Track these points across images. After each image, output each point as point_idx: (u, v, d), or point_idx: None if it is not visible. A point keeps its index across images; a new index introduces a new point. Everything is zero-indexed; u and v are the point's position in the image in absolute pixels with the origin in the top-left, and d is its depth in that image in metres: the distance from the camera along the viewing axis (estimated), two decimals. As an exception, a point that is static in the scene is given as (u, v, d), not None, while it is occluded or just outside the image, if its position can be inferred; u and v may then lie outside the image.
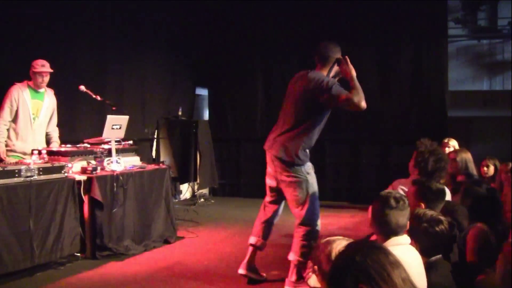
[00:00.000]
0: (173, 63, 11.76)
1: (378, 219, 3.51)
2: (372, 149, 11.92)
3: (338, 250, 2.94)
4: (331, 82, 5.43)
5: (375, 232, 3.61)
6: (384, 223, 3.46)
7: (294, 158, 5.57)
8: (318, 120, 5.63)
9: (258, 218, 6.29)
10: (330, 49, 5.75)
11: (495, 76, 14.02)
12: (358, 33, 11.67)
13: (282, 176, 5.74)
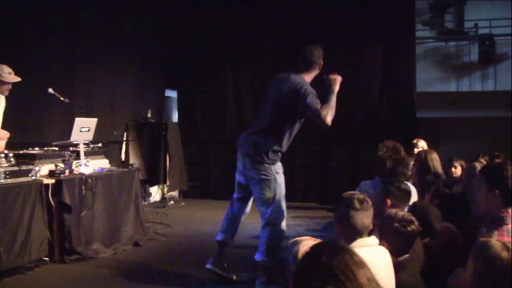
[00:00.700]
0: (142, 65, 11.70)
1: (343, 222, 3.53)
2: (341, 150, 12.00)
3: (304, 251, 2.97)
4: (308, 90, 5.47)
5: (339, 235, 3.61)
6: (349, 225, 3.48)
7: (264, 157, 5.60)
8: (292, 124, 5.68)
9: (226, 215, 6.33)
10: (315, 55, 5.83)
11: (462, 78, 14.19)
12: (326, 35, 11.71)
13: (251, 173, 5.76)
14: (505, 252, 2.93)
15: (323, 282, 2.08)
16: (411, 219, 3.72)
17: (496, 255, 2.92)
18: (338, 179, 11.56)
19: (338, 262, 2.13)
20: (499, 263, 2.90)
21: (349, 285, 2.08)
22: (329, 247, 2.25)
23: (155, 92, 12.30)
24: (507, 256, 2.91)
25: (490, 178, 3.68)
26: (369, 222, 3.54)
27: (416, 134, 10.12)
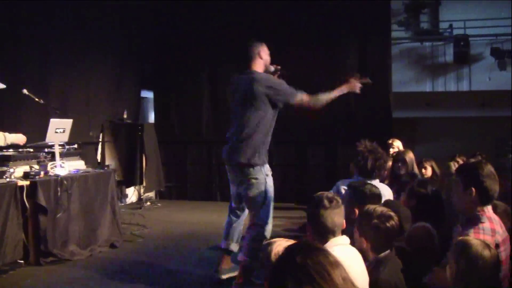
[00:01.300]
0: (118, 66, 11.63)
1: (314, 221, 3.55)
2: (318, 150, 12.04)
3: (277, 251, 2.98)
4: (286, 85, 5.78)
5: (311, 235, 3.62)
6: (320, 224, 3.50)
7: (251, 161, 5.58)
8: (269, 120, 5.75)
9: (226, 223, 6.20)
10: (256, 46, 6.08)
11: (438, 78, 14.29)
12: (302, 35, 11.77)
13: (241, 179, 5.72)
14: (487, 250, 2.97)
15: (298, 282, 2.07)
16: (390, 215, 3.74)
17: (479, 254, 2.95)
18: (315, 179, 11.59)
19: (313, 262, 2.13)
20: (482, 261, 2.93)
21: (325, 285, 2.09)
22: (304, 247, 2.25)
23: (131, 93, 12.23)
24: (489, 255, 2.95)
25: (466, 177, 3.71)
26: (341, 221, 3.56)
27: (391, 134, 10.20)
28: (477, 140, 13.91)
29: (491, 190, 3.62)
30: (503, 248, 3.46)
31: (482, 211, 3.60)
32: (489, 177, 3.62)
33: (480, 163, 3.79)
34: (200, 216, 10.27)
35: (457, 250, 3.07)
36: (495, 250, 3.07)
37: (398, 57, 13.71)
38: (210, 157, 12.43)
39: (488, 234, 3.46)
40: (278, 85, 5.72)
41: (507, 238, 3.60)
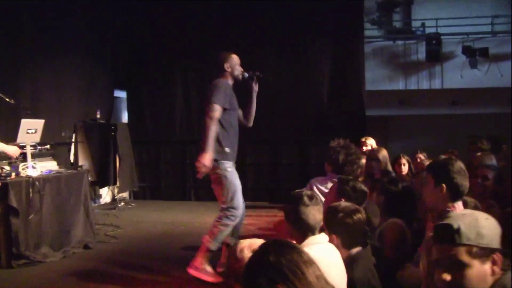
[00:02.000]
0: (90, 65, 11.53)
1: (294, 219, 3.53)
2: (291, 149, 12.09)
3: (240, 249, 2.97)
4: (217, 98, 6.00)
5: (291, 234, 3.60)
6: (301, 222, 3.49)
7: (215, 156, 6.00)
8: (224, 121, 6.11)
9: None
10: (222, 59, 6.31)
11: (410, 76, 14.38)
12: (274, 34, 11.80)
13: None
14: None
15: (272, 281, 2.08)
16: (355, 208, 3.74)
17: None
18: (289, 178, 11.62)
19: (287, 261, 2.13)
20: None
21: (298, 283, 2.09)
22: (278, 246, 2.25)
23: (104, 93, 12.14)
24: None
25: (437, 173, 3.74)
26: (321, 218, 3.56)
27: (365, 132, 10.25)
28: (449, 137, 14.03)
29: (462, 186, 3.66)
30: None
31: (452, 207, 3.62)
32: (459, 173, 3.66)
33: (450, 159, 3.83)
34: (174, 216, 10.23)
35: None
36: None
37: (371, 56, 13.78)
38: (184, 157, 12.40)
39: None
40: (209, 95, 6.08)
41: None
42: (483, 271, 2.25)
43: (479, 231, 2.26)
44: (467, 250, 2.24)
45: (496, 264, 2.27)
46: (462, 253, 2.24)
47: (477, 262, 2.24)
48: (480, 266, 2.25)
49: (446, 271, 2.26)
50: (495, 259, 2.27)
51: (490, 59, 13.40)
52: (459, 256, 2.24)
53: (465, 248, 2.24)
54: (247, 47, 11.69)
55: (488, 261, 2.26)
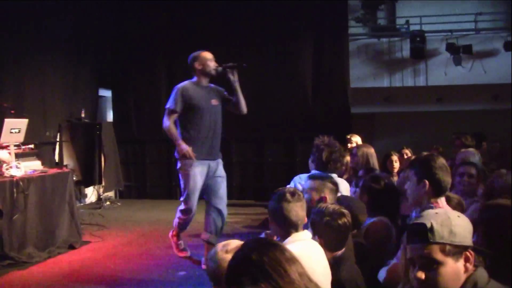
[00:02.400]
0: (74, 64, 11.46)
1: (277, 216, 3.53)
2: (277, 147, 12.11)
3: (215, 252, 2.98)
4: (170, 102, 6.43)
5: (274, 230, 3.61)
6: (284, 218, 3.49)
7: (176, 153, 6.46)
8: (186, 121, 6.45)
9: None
10: (192, 59, 6.61)
11: (395, 73, 14.46)
12: (259, 32, 11.80)
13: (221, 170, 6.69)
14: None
15: (255, 280, 2.08)
16: (342, 212, 3.74)
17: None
18: (274, 176, 11.63)
19: (269, 259, 2.14)
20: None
21: (281, 281, 2.10)
22: (260, 244, 2.26)
23: (88, 92, 12.08)
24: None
25: (419, 170, 3.77)
26: (304, 214, 3.56)
27: (350, 130, 10.28)
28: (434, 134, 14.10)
29: (444, 182, 3.70)
30: None
31: (435, 203, 3.66)
32: (441, 169, 3.70)
33: (432, 156, 3.87)
34: (159, 215, 10.20)
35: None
36: None
37: (356, 53, 13.85)
38: (170, 155, 12.32)
39: None
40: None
41: None
42: (456, 268, 2.28)
43: (452, 229, 2.29)
44: (441, 248, 2.27)
45: (469, 261, 2.31)
46: (435, 251, 2.26)
47: (450, 260, 2.27)
48: (454, 264, 2.28)
49: (421, 269, 2.29)
50: (468, 256, 2.31)
51: (474, 56, 13.50)
52: (433, 255, 2.27)
53: (438, 246, 2.27)
54: (232, 46, 11.70)
55: (461, 259, 2.29)
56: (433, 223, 2.29)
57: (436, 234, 2.27)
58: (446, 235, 2.27)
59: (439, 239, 2.26)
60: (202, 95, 6.45)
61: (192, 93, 6.39)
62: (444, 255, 2.27)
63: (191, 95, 6.38)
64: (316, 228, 3.66)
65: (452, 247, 2.27)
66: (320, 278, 3.29)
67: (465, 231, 2.33)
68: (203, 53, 6.63)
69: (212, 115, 6.50)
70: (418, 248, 2.30)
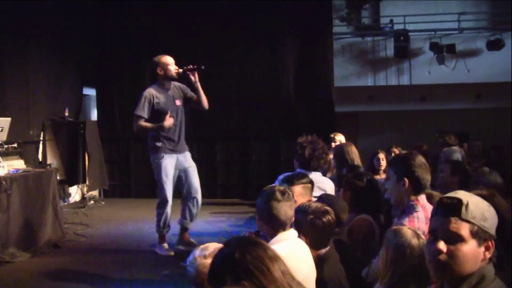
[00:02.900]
0: (58, 62, 11.40)
1: (266, 214, 3.52)
2: (261, 145, 12.11)
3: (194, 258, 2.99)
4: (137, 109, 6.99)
5: (262, 229, 3.60)
6: (273, 217, 3.47)
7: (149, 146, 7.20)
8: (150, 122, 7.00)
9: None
10: (154, 65, 7.17)
11: (379, 72, 14.52)
12: (243, 30, 11.81)
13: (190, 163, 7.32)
14: (415, 239, 3.02)
15: (237, 277, 2.10)
16: (325, 210, 3.75)
17: (407, 243, 3.00)
18: (259, 175, 11.64)
19: (252, 257, 2.15)
20: (410, 250, 2.98)
21: (264, 279, 2.11)
22: (243, 242, 2.27)
23: (72, 90, 12.02)
24: (417, 243, 3.00)
25: (399, 168, 3.82)
26: (292, 213, 3.56)
27: (334, 128, 10.32)
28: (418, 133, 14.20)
29: (423, 179, 3.74)
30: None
31: (416, 200, 3.71)
32: (420, 167, 3.74)
33: (411, 154, 3.91)
34: (144, 214, 10.13)
35: (387, 238, 3.12)
36: (424, 239, 3.12)
37: (340, 52, 13.90)
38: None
39: (423, 222, 3.55)
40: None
41: None
42: (477, 252, 2.26)
43: (484, 214, 2.28)
44: (470, 227, 2.25)
45: (489, 250, 2.29)
46: (464, 228, 2.24)
47: (474, 242, 2.25)
48: (476, 247, 2.26)
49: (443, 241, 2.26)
50: (489, 245, 2.29)
51: (457, 55, 13.60)
52: (461, 231, 2.24)
53: (468, 225, 2.25)
54: (217, 45, 11.73)
55: (483, 246, 2.27)
56: (469, 202, 2.28)
57: (469, 213, 2.25)
58: (478, 216, 2.26)
59: (471, 218, 2.25)
60: (166, 98, 7.02)
61: (157, 98, 6.95)
62: (470, 235, 2.25)
63: (157, 100, 6.94)
64: (301, 227, 3.66)
65: (480, 230, 2.26)
66: (305, 276, 3.31)
67: (493, 221, 2.32)
68: (163, 58, 7.13)
69: (177, 114, 7.08)
70: (447, 221, 2.28)
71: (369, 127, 16.15)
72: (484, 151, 9.89)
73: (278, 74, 11.94)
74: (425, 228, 3.45)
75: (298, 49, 11.95)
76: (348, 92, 13.96)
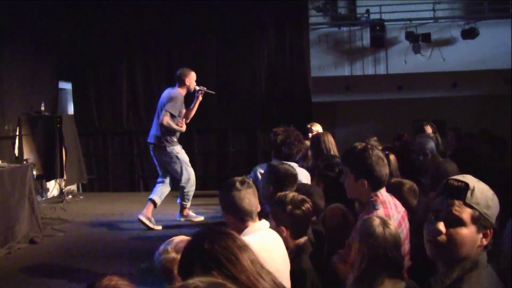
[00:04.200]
0: (33, 56, 11.26)
1: (230, 206, 3.52)
2: (239, 137, 12.14)
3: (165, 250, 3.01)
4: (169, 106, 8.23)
5: (230, 222, 3.57)
6: (237, 207, 3.48)
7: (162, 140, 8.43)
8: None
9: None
10: (184, 74, 8.41)
11: (356, 62, 14.54)
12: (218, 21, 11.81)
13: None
14: (380, 228, 3.04)
15: (207, 268, 2.12)
16: (302, 199, 3.77)
17: (371, 232, 3.02)
18: (237, 166, 11.63)
19: (221, 247, 2.17)
20: (374, 239, 3.00)
21: (233, 269, 2.13)
22: (211, 232, 2.29)
23: (48, 84, 11.90)
24: (382, 232, 3.02)
25: (355, 167, 3.69)
26: (256, 201, 3.56)
27: (311, 119, 10.33)
28: (395, 122, 14.28)
29: (382, 176, 3.63)
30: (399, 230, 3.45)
31: (375, 197, 3.61)
32: (377, 164, 3.61)
33: (366, 150, 3.69)
34: (123, 208, 10.14)
35: (356, 228, 3.14)
36: (395, 228, 3.14)
37: (317, 42, 13.89)
38: (132, 147, 12.33)
39: None
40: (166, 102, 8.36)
41: (403, 218, 3.66)
42: (475, 237, 2.27)
43: (488, 202, 2.28)
44: (472, 213, 2.25)
45: (486, 238, 2.29)
46: (466, 212, 2.25)
47: (474, 228, 2.26)
48: (475, 233, 2.26)
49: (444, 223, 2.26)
50: (487, 234, 2.29)
51: (433, 44, 13.65)
52: (463, 214, 2.24)
53: (471, 210, 2.25)
54: (191, 36, 11.74)
55: (481, 232, 2.28)
56: (476, 187, 2.28)
57: (474, 198, 2.26)
58: (482, 203, 2.26)
59: (475, 204, 2.25)
60: (182, 103, 8.44)
61: (181, 102, 8.40)
62: (472, 220, 2.25)
63: (181, 104, 8.41)
64: (279, 218, 3.67)
65: (482, 217, 2.26)
66: (278, 265, 3.33)
67: (496, 210, 2.32)
68: (193, 72, 8.45)
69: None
70: (450, 203, 2.28)
71: (346, 117, 16.20)
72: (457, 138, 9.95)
73: (255, 65, 11.95)
74: None
75: (274, 40, 11.98)
76: (325, 82, 13.97)
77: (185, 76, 8.37)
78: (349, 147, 3.83)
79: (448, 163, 4.97)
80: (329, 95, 14.76)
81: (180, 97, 8.36)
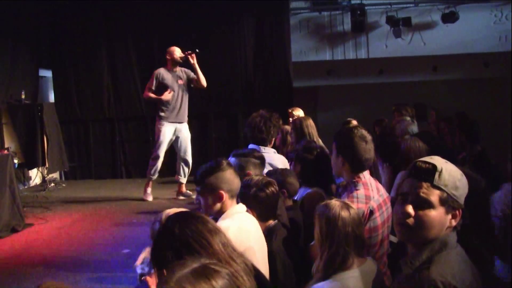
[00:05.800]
0: (12, 44, 11.16)
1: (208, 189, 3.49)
2: (220, 122, 12.16)
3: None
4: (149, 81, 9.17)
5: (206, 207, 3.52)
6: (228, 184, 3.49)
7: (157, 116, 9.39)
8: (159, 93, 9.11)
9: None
10: (166, 53, 9.25)
11: (337, 47, 14.53)
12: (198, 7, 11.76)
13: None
14: (345, 211, 3.06)
15: (178, 253, 2.12)
16: (268, 181, 3.80)
17: (337, 215, 3.05)
18: (219, 151, 11.63)
19: (192, 231, 2.19)
20: (341, 221, 3.03)
21: (204, 253, 2.15)
22: (182, 217, 2.30)
23: (28, 72, 11.81)
24: (348, 215, 3.05)
25: (338, 144, 3.72)
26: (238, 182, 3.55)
27: (292, 103, 10.37)
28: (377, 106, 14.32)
29: (363, 157, 3.60)
30: (379, 214, 3.51)
31: (358, 178, 3.60)
32: (359, 144, 3.59)
33: (352, 131, 3.69)
34: (105, 195, 10.13)
35: (318, 212, 3.16)
36: (355, 210, 3.15)
37: (297, 27, 13.88)
38: (113, 134, 12.30)
39: (362, 201, 3.48)
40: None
41: (385, 201, 3.66)
42: (444, 219, 2.30)
43: (456, 183, 2.31)
44: (440, 194, 2.28)
45: (455, 219, 2.33)
46: (434, 195, 2.28)
47: (442, 209, 2.29)
48: (444, 214, 2.30)
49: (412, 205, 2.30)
50: (456, 214, 2.33)
51: (413, 28, 13.69)
52: (431, 197, 2.28)
53: (439, 192, 2.28)
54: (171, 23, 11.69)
55: (450, 213, 2.31)
56: (444, 168, 2.31)
57: (442, 180, 2.29)
58: (450, 184, 2.29)
59: (443, 186, 2.29)
60: (172, 78, 9.14)
61: (164, 76, 9.07)
62: (440, 202, 2.29)
63: (163, 77, 9.07)
64: (246, 201, 3.70)
65: (450, 198, 2.30)
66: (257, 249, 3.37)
67: (464, 191, 2.36)
68: (171, 47, 9.18)
69: (179, 91, 9.16)
70: (418, 186, 2.31)
71: (328, 101, 16.21)
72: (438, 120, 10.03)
73: (235, 50, 11.95)
74: (364, 207, 3.44)
75: (255, 25, 11.99)
76: (306, 67, 13.98)
77: (166, 53, 9.22)
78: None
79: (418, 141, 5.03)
80: (310, 79, 14.78)
81: (158, 72, 9.12)
